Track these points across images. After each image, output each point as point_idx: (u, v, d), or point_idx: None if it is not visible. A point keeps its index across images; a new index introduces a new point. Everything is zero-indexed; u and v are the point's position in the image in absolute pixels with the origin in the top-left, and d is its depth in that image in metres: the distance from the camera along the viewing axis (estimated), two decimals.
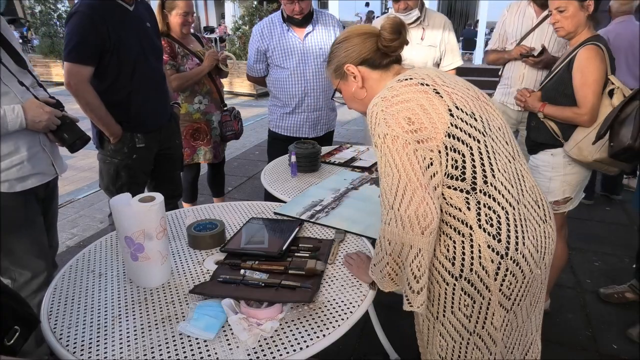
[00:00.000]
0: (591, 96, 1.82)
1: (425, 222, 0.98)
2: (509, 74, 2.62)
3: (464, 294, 1.07)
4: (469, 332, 1.11)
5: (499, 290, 1.06)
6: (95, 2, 1.90)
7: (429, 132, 1.01)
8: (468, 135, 1.03)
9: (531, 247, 1.07)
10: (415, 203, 0.98)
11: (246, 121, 6.89)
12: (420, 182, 0.99)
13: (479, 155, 1.03)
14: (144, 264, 1.18)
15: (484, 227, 1.03)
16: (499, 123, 1.12)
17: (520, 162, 1.13)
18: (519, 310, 1.13)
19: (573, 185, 2.03)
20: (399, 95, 1.04)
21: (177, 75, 2.64)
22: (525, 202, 1.09)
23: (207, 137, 2.89)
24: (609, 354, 2.10)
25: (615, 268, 2.78)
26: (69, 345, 1.01)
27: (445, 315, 1.12)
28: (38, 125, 1.56)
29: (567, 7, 1.88)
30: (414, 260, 1.01)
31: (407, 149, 1.00)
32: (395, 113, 1.02)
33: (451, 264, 1.07)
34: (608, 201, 3.79)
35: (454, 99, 1.05)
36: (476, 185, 1.03)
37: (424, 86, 1.05)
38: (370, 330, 2.06)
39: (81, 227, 3.48)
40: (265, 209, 1.71)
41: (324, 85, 2.55)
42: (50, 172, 1.71)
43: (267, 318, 1.05)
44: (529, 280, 1.10)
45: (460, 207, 1.04)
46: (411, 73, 1.12)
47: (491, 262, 1.04)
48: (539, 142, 2.06)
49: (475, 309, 1.08)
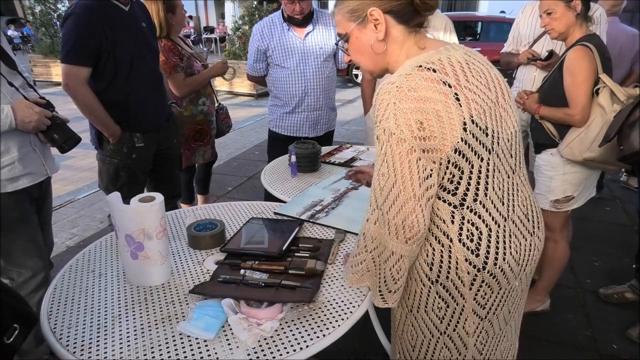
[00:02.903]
0: (581, 96, 1.84)
1: (411, 233, 0.96)
2: (521, 77, 2.64)
3: (438, 297, 1.08)
4: (440, 332, 1.12)
5: (473, 299, 1.06)
6: (91, 2, 1.90)
7: (437, 143, 0.94)
8: (474, 153, 0.98)
9: (512, 261, 1.06)
10: (405, 213, 0.95)
11: (246, 121, 6.91)
12: (414, 192, 0.94)
13: (478, 173, 1.00)
14: (143, 263, 1.18)
15: (463, 241, 1.03)
16: (509, 133, 1.05)
17: (519, 174, 1.11)
18: (495, 319, 1.13)
19: (574, 184, 2.04)
20: (416, 90, 0.93)
21: (188, 82, 2.65)
22: (514, 217, 1.08)
23: (207, 137, 2.91)
24: (609, 354, 2.10)
25: (615, 268, 2.78)
26: (69, 345, 1.01)
27: (418, 311, 1.13)
28: (28, 126, 1.56)
29: (555, 8, 1.91)
30: (395, 264, 1.02)
31: (410, 156, 0.94)
32: (408, 112, 0.92)
33: (429, 269, 1.07)
34: (608, 201, 3.79)
35: (472, 109, 0.96)
36: (465, 201, 1.02)
37: (446, 87, 0.94)
38: (370, 330, 2.06)
39: (81, 227, 3.48)
40: (265, 209, 1.71)
41: (324, 85, 2.55)
42: (41, 172, 1.71)
43: (267, 318, 1.05)
44: (506, 292, 1.10)
45: (445, 219, 1.03)
46: (435, 59, 0.98)
47: (467, 274, 1.04)
48: (540, 143, 2.09)
49: (448, 313, 1.09)
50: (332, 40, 2.51)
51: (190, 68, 2.69)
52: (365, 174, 1.61)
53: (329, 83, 2.59)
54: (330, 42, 2.50)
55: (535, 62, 2.44)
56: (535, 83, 2.51)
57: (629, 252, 2.91)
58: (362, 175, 1.64)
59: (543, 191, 2.10)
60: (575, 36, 1.93)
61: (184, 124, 2.73)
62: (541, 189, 2.11)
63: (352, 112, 7.38)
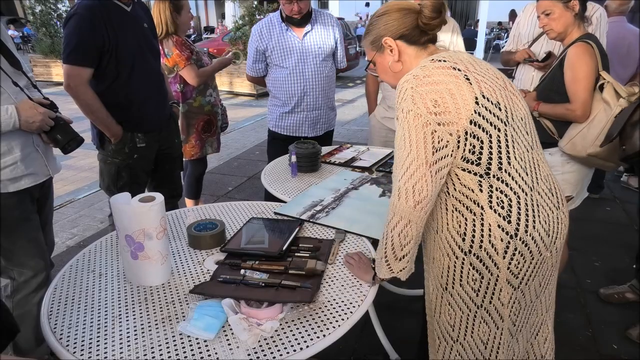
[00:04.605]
0: (582, 92, 1.85)
1: (420, 197, 1.03)
2: (519, 76, 2.64)
3: (472, 268, 1.11)
4: (477, 306, 1.14)
5: (507, 268, 1.09)
6: (93, 3, 1.90)
7: (452, 117, 1.03)
8: (490, 124, 1.05)
9: (542, 230, 1.10)
10: (416, 177, 1.03)
11: (246, 121, 6.91)
12: (427, 159, 1.02)
13: (497, 142, 1.06)
14: (144, 263, 1.18)
15: (494, 208, 1.07)
16: (522, 114, 1.14)
17: (537, 152, 1.17)
18: (527, 290, 1.15)
19: (573, 184, 2.04)
20: (430, 75, 1.06)
21: (202, 72, 2.79)
22: (539, 189, 1.13)
23: (214, 128, 3.03)
24: (609, 354, 2.10)
25: (615, 268, 2.78)
26: (69, 345, 1.01)
27: (454, 287, 1.16)
28: (32, 126, 1.56)
29: (553, 9, 1.93)
30: (403, 229, 1.07)
31: (425, 128, 1.03)
32: (424, 93, 1.04)
33: (462, 239, 1.11)
34: (608, 201, 3.79)
35: (482, 87, 1.07)
36: (490, 170, 1.07)
37: (456, 71, 1.07)
38: (370, 330, 2.06)
39: (81, 227, 3.48)
40: (265, 209, 1.71)
41: (323, 85, 2.55)
42: (43, 173, 1.71)
43: (267, 318, 1.05)
44: (538, 262, 1.13)
45: (473, 188, 1.08)
46: (445, 55, 1.13)
47: (500, 241, 1.07)
48: None
49: (483, 284, 1.12)
50: (331, 40, 2.52)
51: (200, 61, 2.82)
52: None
53: (328, 83, 2.59)
54: (329, 41, 2.51)
55: (532, 63, 2.44)
56: (533, 82, 2.51)
57: (629, 252, 2.91)
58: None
59: None
60: (573, 36, 1.94)
61: (194, 115, 2.88)
62: None
63: (352, 112, 7.38)
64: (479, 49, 9.94)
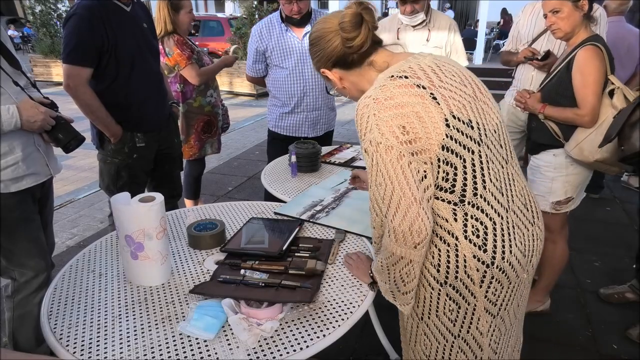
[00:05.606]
0: (591, 97, 1.81)
1: (420, 238, 0.95)
2: (519, 76, 2.63)
3: (448, 299, 1.07)
4: (454, 336, 1.11)
5: (484, 297, 1.06)
6: (93, 3, 1.90)
7: (424, 144, 0.96)
8: (463, 147, 0.99)
9: (518, 253, 1.06)
10: (410, 219, 0.94)
11: (246, 121, 6.91)
12: (414, 196, 0.94)
13: (472, 167, 1.00)
14: (144, 263, 1.18)
15: (469, 238, 1.02)
16: (494, 124, 1.07)
17: (512, 164, 1.11)
18: (507, 315, 1.12)
19: (575, 186, 2.03)
20: (392, 98, 0.97)
21: (203, 71, 2.79)
22: (514, 208, 1.08)
23: (214, 129, 3.02)
24: (609, 354, 2.10)
25: (615, 268, 2.78)
26: (69, 345, 1.01)
27: (430, 317, 1.12)
28: (33, 126, 1.56)
29: (562, 8, 1.87)
30: (404, 268, 1.01)
31: (401, 161, 0.95)
32: (389, 119, 0.95)
33: (436, 271, 1.05)
34: (608, 201, 3.79)
35: (451, 106, 0.98)
36: (465, 197, 1.01)
37: (420, 89, 0.98)
38: (370, 330, 2.06)
39: (81, 227, 3.48)
40: (265, 209, 1.71)
41: (323, 85, 2.54)
42: (44, 173, 1.71)
43: (267, 318, 1.05)
44: (515, 285, 1.10)
45: (447, 217, 1.02)
46: (405, 68, 1.02)
47: (476, 271, 1.03)
48: (540, 143, 2.06)
49: (460, 314, 1.08)
50: None
51: (200, 61, 2.82)
52: (360, 181, 1.64)
53: None
54: None
55: (532, 62, 2.43)
56: (533, 82, 2.51)
57: (629, 252, 2.91)
58: (359, 181, 1.66)
59: (543, 192, 2.07)
60: (580, 36, 1.90)
61: (194, 116, 2.88)
62: (541, 191, 2.07)
63: (352, 112, 7.35)
64: (479, 49, 9.93)
